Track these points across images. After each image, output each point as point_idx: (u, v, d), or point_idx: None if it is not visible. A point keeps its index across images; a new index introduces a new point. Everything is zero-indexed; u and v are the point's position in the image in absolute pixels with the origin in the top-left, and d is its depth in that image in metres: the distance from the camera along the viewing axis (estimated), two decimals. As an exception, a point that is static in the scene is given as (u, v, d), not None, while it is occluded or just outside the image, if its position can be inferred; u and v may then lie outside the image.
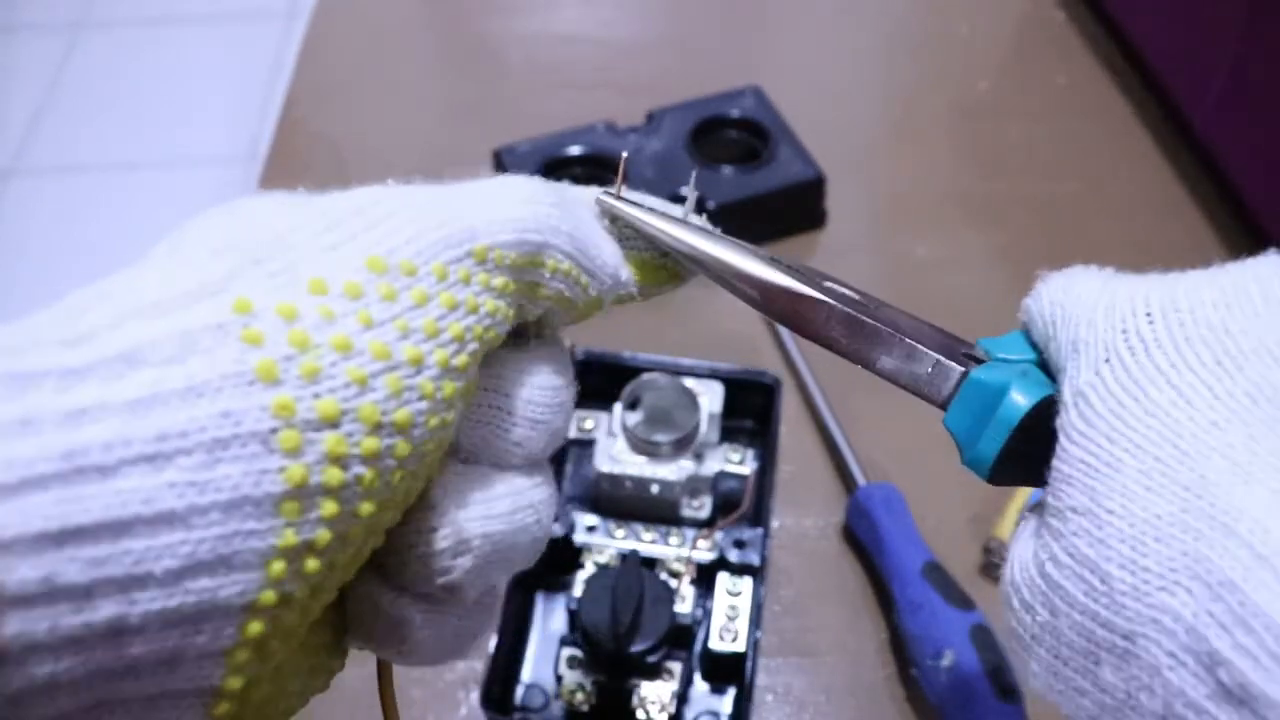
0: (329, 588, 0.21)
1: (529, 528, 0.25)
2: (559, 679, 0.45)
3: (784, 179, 0.63)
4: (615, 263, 0.27)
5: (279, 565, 0.19)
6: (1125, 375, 0.22)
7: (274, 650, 0.20)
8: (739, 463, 0.51)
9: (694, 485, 0.49)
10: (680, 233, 0.27)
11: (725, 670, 0.46)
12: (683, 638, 0.45)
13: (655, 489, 0.48)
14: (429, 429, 0.21)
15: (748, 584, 0.47)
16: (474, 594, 0.24)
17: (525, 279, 0.24)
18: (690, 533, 0.48)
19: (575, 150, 0.64)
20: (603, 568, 0.47)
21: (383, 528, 0.22)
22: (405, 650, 0.24)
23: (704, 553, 0.47)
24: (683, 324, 0.60)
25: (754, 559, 0.46)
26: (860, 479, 0.51)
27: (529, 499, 0.25)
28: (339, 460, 0.20)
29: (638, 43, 0.79)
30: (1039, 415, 0.24)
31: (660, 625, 0.43)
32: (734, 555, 0.46)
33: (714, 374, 0.51)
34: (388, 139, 0.72)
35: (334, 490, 0.20)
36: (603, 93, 0.73)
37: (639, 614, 0.43)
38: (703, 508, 0.50)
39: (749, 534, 0.47)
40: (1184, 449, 0.20)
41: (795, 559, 0.51)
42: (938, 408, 0.25)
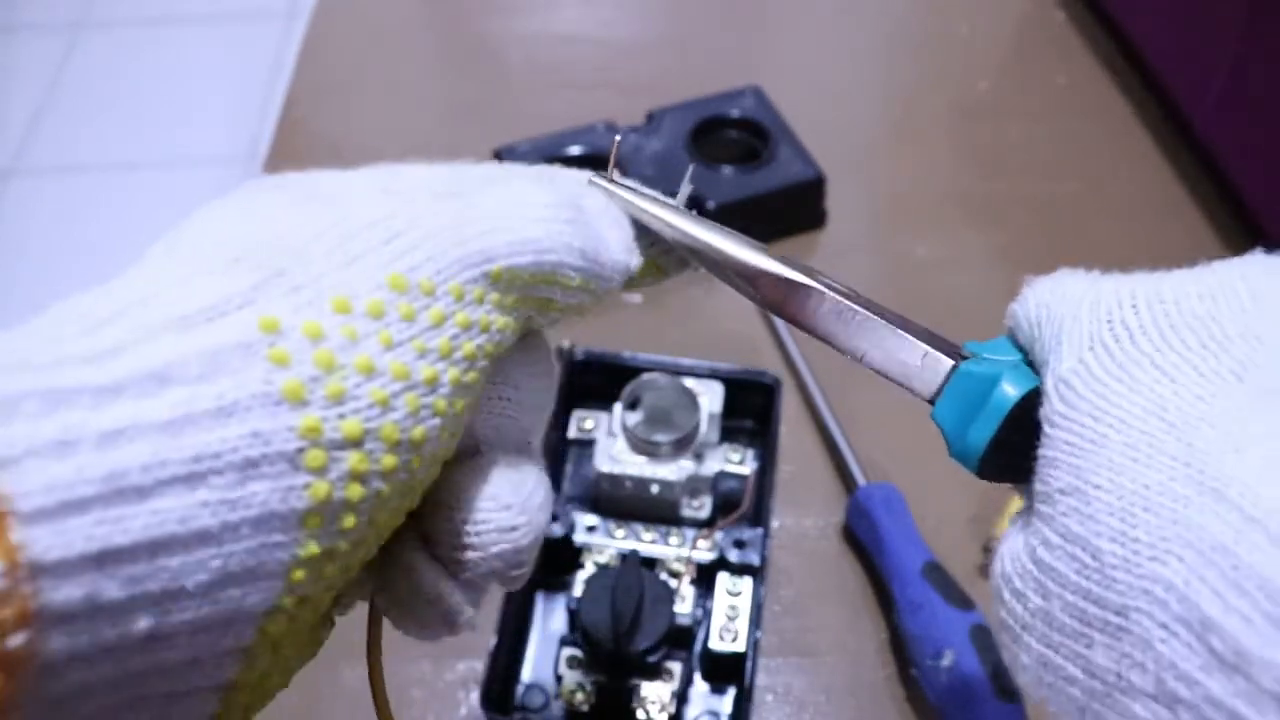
0: (342, 585, 0.22)
1: (548, 503, 0.26)
2: (559, 679, 0.45)
3: (784, 179, 0.63)
4: (624, 259, 0.27)
5: (300, 573, 0.20)
6: (1109, 359, 0.22)
7: (287, 644, 0.21)
8: (739, 463, 0.51)
9: (694, 485, 0.49)
10: (672, 217, 0.27)
11: (725, 670, 0.46)
12: (683, 638, 0.45)
13: (655, 489, 0.48)
14: (441, 442, 0.23)
15: (748, 584, 0.47)
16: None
17: (537, 295, 0.25)
18: (690, 533, 0.48)
19: (575, 150, 0.64)
20: (603, 568, 0.47)
21: (394, 528, 0.23)
22: (454, 631, 0.25)
23: (704, 553, 0.47)
24: (683, 324, 0.60)
25: (754, 559, 0.46)
26: (860, 479, 0.51)
27: (544, 480, 0.26)
28: (360, 477, 0.21)
29: (638, 43, 0.79)
30: (1027, 408, 0.23)
31: (660, 625, 0.43)
32: (734, 555, 0.46)
33: (714, 374, 0.51)
34: (388, 139, 0.72)
35: (354, 504, 0.21)
36: (603, 93, 0.73)
37: (639, 614, 0.43)
38: (703, 508, 0.50)
39: (749, 534, 0.47)
40: (1170, 421, 0.20)
41: (795, 559, 0.51)
42: (926, 402, 0.25)
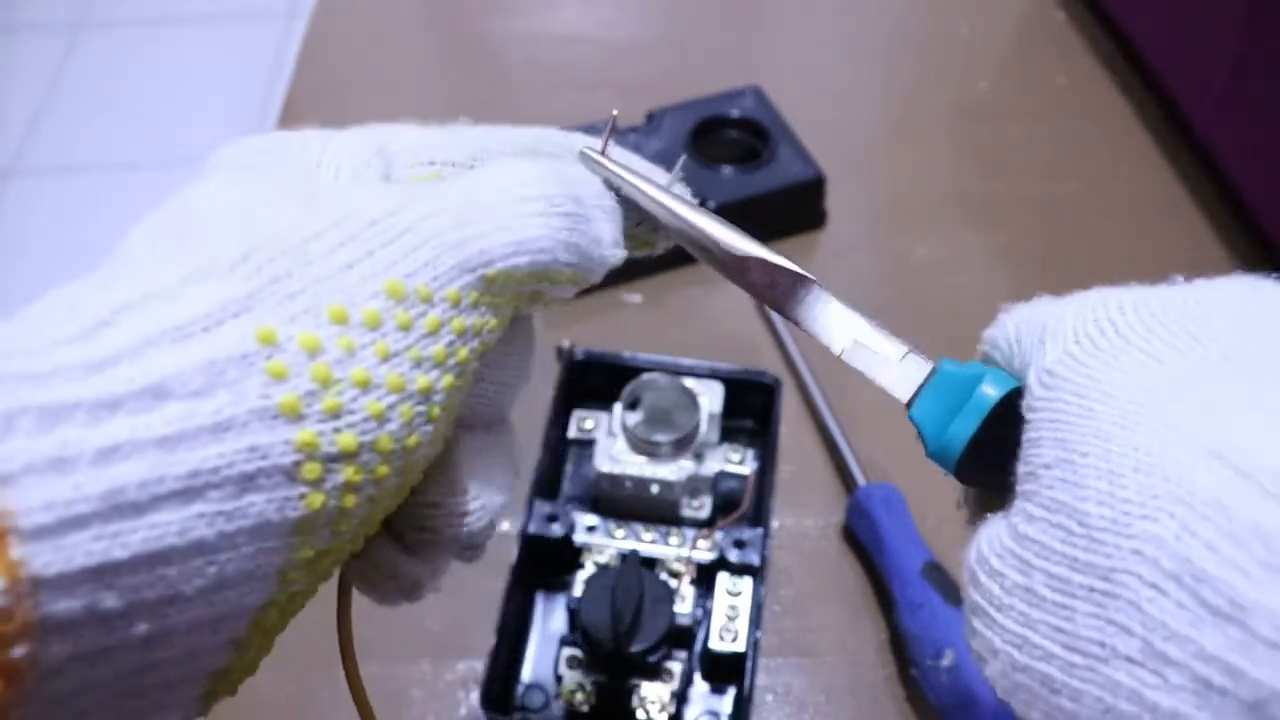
0: (331, 575, 0.23)
1: (509, 480, 0.28)
2: (559, 679, 0.45)
3: (784, 179, 0.63)
4: (612, 253, 0.27)
5: (294, 574, 0.20)
6: (1094, 348, 0.21)
7: (276, 629, 0.22)
8: (739, 463, 0.51)
9: (694, 485, 0.49)
10: (664, 198, 0.27)
11: (725, 670, 0.46)
12: (683, 638, 0.45)
13: (655, 489, 0.48)
14: (434, 445, 0.23)
15: (748, 584, 0.47)
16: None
17: (529, 289, 0.25)
18: (690, 533, 0.48)
19: (575, 150, 0.64)
20: (603, 568, 0.47)
21: (380, 520, 0.24)
22: (412, 599, 0.26)
23: (704, 553, 0.47)
24: (683, 324, 0.60)
25: (754, 559, 0.46)
26: (860, 479, 0.51)
27: (509, 454, 0.28)
28: (355, 487, 0.21)
29: (638, 43, 0.79)
30: (1008, 409, 0.23)
31: (660, 625, 0.43)
32: (734, 555, 0.46)
33: (714, 374, 0.51)
34: (388, 139, 0.72)
35: (349, 511, 0.21)
36: (603, 93, 0.73)
37: (639, 614, 0.43)
38: (703, 508, 0.50)
39: (749, 534, 0.47)
40: (1160, 395, 0.20)
41: (795, 559, 0.51)
42: (903, 404, 0.26)
